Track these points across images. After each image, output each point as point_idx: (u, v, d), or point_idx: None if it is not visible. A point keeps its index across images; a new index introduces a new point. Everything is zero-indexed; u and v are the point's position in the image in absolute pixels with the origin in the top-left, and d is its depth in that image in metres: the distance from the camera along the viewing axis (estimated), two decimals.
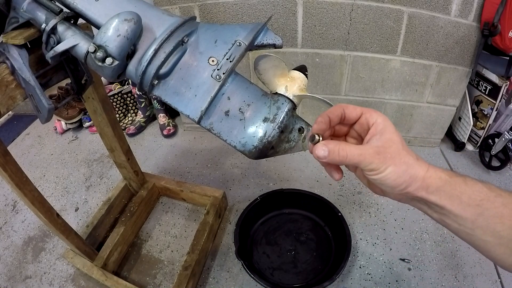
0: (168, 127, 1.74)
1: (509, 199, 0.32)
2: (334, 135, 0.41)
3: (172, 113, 1.85)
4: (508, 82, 1.27)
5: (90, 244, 1.03)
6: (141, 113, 1.80)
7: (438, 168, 0.34)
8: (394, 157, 0.33)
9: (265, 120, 0.46)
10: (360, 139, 0.39)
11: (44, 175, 1.55)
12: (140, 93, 1.71)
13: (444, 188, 0.33)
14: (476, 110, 1.44)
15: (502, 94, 1.30)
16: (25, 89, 0.63)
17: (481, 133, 1.45)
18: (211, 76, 0.46)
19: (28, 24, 0.57)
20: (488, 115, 1.38)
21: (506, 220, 0.31)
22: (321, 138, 0.36)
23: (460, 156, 1.52)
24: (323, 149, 0.35)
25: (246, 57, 1.40)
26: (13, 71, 0.60)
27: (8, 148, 0.71)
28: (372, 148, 0.33)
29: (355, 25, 1.23)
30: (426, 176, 0.33)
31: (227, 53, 0.46)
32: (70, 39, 0.51)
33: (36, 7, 0.53)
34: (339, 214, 1.11)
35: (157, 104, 1.76)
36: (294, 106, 0.47)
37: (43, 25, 0.52)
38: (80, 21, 0.56)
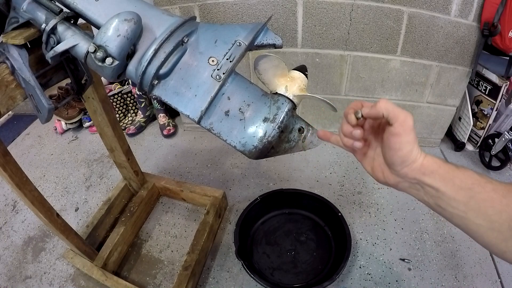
0: (168, 127, 1.74)
1: (499, 185, 0.34)
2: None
3: (172, 113, 1.85)
4: (508, 82, 1.27)
5: (90, 244, 1.03)
6: (141, 113, 1.80)
7: (433, 155, 0.38)
8: (413, 137, 0.36)
9: (265, 120, 0.46)
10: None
11: (44, 175, 1.55)
12: (140, 93, 1.71)
13: (439, 171, 0.36)
14: (476, 110, 1.44)
15: (502, 94, 1.29)
16: (25, 89, 0.63)
17: (481, 133, 1.45)
18: (211, 76, 0.46)
19: (28, 24, 0.57)
20: (488, 115, 1.38)
21: (496, 204, 0.33)
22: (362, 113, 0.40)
23: (460, 156, 1.52)
24: (384, 102, 0.37)
25: (246, 57, 1.40)
26: (13, 71, 0.60)
27: (8, 148, 0.71)
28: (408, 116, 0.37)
29: (355, 25, 1.23)
30: (424, 161, 0.37)
31: (227, 53, 0.46)
32: (70, 39, 0.51)
33: (36, 7, 0.53)
34: (339, 214, 1.11)
35: (157, 104, 1.76)
36: (294, 106, 0.47)
37: (43, 25, 0.52)
38: (80, 21, 0.56)
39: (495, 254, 0.36)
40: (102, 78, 0.89)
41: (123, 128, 1.79)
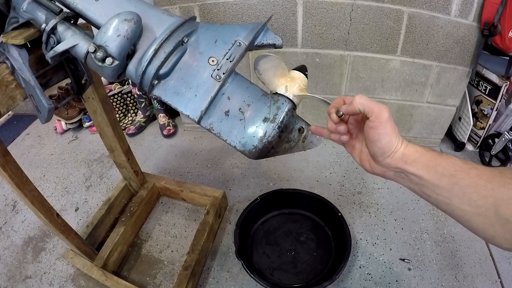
0: (168, 127, 1.74)
1: (484, 171, 0.34)
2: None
3: (172, 113, 1.85)
4: (508, 82, 1.27)
5: (90, 244, 1.03)
6: (141, 113, 1.80)
7: (414, 144, 0.39)
8: (392, 127, 0.38)
9: (265, 120, 0.46)
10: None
11: (44, 175, 1.55)
12: (140, 93, 1.71)
13: (420, 159, 0.37)
14: (476, 110, 1.44)
15: (502, 94, 1.29)
16: (25, 89, 0.63)
17: (481, 133, 1.45)
18: (211, 76, 0.46)
19: (28, 24, 0.57)
20: (488, 115, 1.38)
21: (481, 190, 0.33)
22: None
23: (460, 156, 1.51)
24: (360, 100, 0.39)
25: (246, 57, 1.40)
26: (13, 71, 0.60)
27: (8, 148, 0.71)
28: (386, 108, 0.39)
29: (355, 25, 1.23)
30: (405, 151, 0.38)
31: (227, 53, 0.46)
32: (70, 39, 0.51)
33: (36, 7, 0.53)
34: (339, 214, 1.11)
35: (157, 104, 1.76)
36: (294, 106, 0.47)
37: (43, 25, 0.52)
38: (80, 21, 0.56)
39: (485, 240, 0.37)
40: (102, 78, 0.89)
41: (123, 128, 1.79)
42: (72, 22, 0.54)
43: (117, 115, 1.83)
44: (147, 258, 1.15)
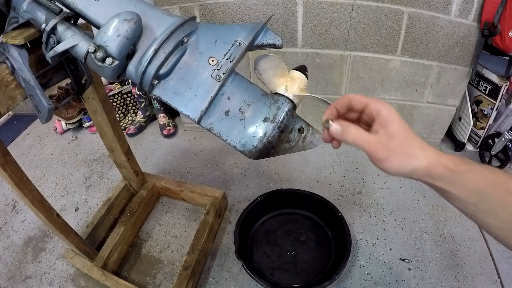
0: (168, 127, 1.74)
1: None
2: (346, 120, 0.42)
3: (172, 113, 1.85)
4: (508, 82, 1.27)
5: (90, 244, 1.03)
6: (141, 113, 1.80)
7: (444, 156, 0.34)
8: (396, 149, 0.34)
9: (265, 120, 0.46)
10: (369, 126, 0.40)
11: (44, 175, 1.55)
12: (140, 93, 1.71)
13: (449, 176, 0.34)
14: (476, 110, 1.44)
15: (502, 94, 1.29)
16: (25, 89, 0.63)
17: (481, 133, 1.45)
18: (211, 76, 0.46)
19: (28, 24, 0.57)
20: (488, 115, 1.38)
21: (509, 206, 0.32)
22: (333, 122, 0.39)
23: (460, 156, 1.51)
24: (336, 127, 0.38)
25: (246, 57, 1.40)
26: (13, 71, 0.60)
27: (8, 148, 0.71)
28: (378, 139, 0.35)
29: (355, 25, 1.23)
30: (430, 166, 0.34)
31: (227, 53, 0.46)
32: (70, 39, 0.51)
33: (36, 7, 0.53)
34: (339, 214, 1.11)
35: (157, 104, 1.76)
36: (294, 106, 0.47)
37: (43, 25, 0.52)
38: (80, 21, 0.56)
39: (505, 246, 0.36)
40: (102, 78, 0.89)
41: (123, 128, 1.79)
42: (72, 22, 0.54)
43: (117, 115, 1.83)
44: (147, 258, 1.15)
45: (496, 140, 1.36)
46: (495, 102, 1.32)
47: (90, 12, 0.51)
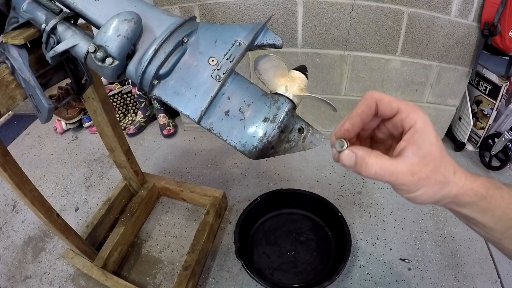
0: (168, 127, 1.74)
1: None
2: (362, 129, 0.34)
3: (172, 113, 1.85)
4: (508, 82, 1.27)
5: (90, 244, 1.03)
6: (141, 113, 1.80)
7: (476, 181, 0.30)
8: (429, 178, 0.28)
9: (265, 120, 0.46)
10: (391, 137, 0.35)
11: (44, 175, 1.55)
12: (140, 93, 1.71)
13: (478, 203, 0.30)
14: (476, 110, 1.44)
15: (502, 94, 1.29)
16: (25, 89, 0.63)
17: (481, 133, 1.45)
18: (211, 76, 0.46)
19: (28, 24, 0.57)
20: (488, 115, 1.38)
21: None
22: (348, 144, 0.30)
23: (460, 156, 1.52)
24: (350, 156, 0.30)
25: (246, 57, 1.40)
26: (13, 71, 0.60)
27: (8, 148, 0.71)
28: (407, 166, 0.28)
29: (355, 25, 1.23)
30: (460, 192, 0.29)
31: (227, 53, 0.46)
32: (70, 39, 0.51)
33: (36, 7, 0.53)
34: (339, 214, 1.11)
35: (157, 104, 1.76)
36: (294, 106, 0.47)
37: (43, 25, 0.52)
38: (80, 21, 0.56)
39: None
40: (102, 78, 0.89)
41: (123, 128, 1.79)
42: (72, 22, 0.54)
43: (117, 115, 1.83)
44: (147, 258, 1.15)
45: (496, 140, 1.36)
46: (495, 102, 1.32)
47: (90, 12, 0.51)
